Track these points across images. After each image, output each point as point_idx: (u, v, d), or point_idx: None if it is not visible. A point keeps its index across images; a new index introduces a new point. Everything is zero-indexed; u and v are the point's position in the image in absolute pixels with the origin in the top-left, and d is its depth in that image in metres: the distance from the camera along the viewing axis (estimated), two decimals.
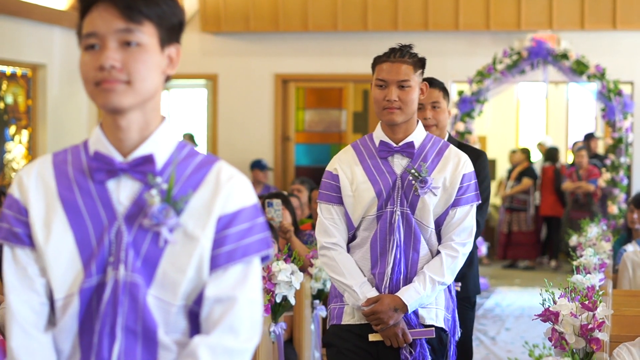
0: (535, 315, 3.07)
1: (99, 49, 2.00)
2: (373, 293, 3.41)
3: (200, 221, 1.92)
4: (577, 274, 4.47)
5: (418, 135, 3.50)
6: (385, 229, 3.43)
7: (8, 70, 11.22)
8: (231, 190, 1.94)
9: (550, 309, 3.03)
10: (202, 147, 13.31)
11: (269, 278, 4.18)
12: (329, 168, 3.56)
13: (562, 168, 12.59)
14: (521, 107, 15.62)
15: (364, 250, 3.47)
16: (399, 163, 3.47)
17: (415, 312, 3.43)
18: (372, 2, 11.47)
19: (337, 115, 12.43)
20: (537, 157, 13.42)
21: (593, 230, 6.68)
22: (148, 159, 1.94)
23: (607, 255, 6.06)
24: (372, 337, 3.45)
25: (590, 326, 2.95)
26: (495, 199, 13.66)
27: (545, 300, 3.06)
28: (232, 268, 1.92)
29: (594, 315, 2.97)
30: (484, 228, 12.91)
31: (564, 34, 10.96)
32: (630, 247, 6.17)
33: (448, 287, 3.53)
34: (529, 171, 12.42)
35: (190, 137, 12.92)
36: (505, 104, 14.96)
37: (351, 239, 3.53)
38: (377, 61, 3.50)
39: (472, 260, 4.27)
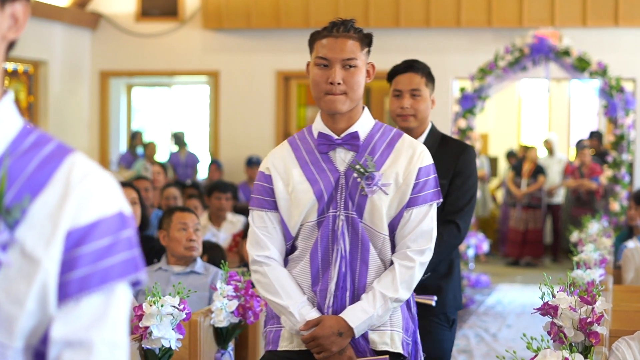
0: (534, 309, 3.05)
1: None
2: (314, 314, 2.87)
3: (43, 236, 1.40)
4: (577, 269, 4.46)
5: (364, 124, 2.95)
6: (327, 238, 2.87)
7: (9, 66, 11.22)
8: (85, 194, 1.41)
9: (550, 302, 3.02)
10: (200, 145, 13.31)
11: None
12: (261, 168, 3.00)
13: (566, 166, 12.58)
14: (523, 104, 15.60)
15: (304, 263, 2.91)
16: (342, 158, 2.91)
17: (365, 336, 2.88)
18: None
19: None
20: (542, 154, 13.39)
21: (594, 226, 6.68)
22: None
23: (608, 251, 6.06)
24: None
25: (589, 320, 2.94)
26: (496, 197, 13.64)
27: (544, 294, 3.05)
28: (86, 300, 1.40)
29: (592, 309, 2.96)
30: (483, 225, 12.86)
31: (565, 31, 10.94)
32: (631, 244, 6.16)
33: (407, 305, 3.00)
34: (541, 168, 12.42)
35: (179, 136, 12.90)
36: (507, 101, 14.95)
37: (290, 250, 2.97)
38: (317, 36, 2.94)
39: (451, 270, 3.80)
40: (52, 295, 1.40)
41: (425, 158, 2.93)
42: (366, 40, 2.93)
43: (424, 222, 2.89)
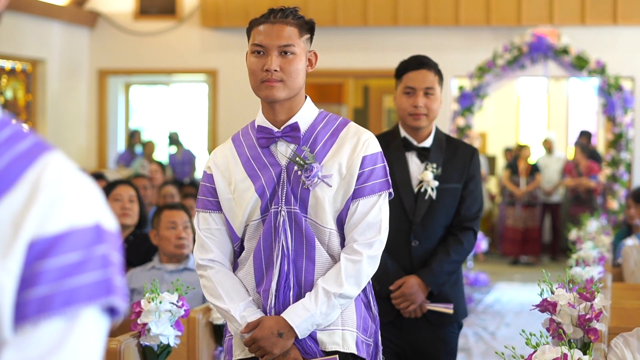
0: (533, 305, 3.05)
1: None
2: (256, 316, 2.71)
3: (1, 244, 1.19)
4: (576, 266, 4.46)
5: (305, 114, 2.79)
6: (269, 235, 2.73)
7: (7, 65, 11.21)
8: (55, 199, 1.20)
9: (548, 299, 3.01)
10: (198, 143, 13.30)
11: None
12: (204, 167, 2.87)
13: (566, 164, 12.59)
14: (521, 103, 15.60)
15: (248, 264, 2.78)
16: (283, 151, 2.77)
17: (314, 336, 2.70)
18: None
19: (337, 110, 12.41)
20: (540, 153, 13.39)
21: (593, 224, 6.68)
22: None
23: (607, 248, 6.06)
24: None
25: (588, 316, 2.93)
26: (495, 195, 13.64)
27: (543, 290, 3.04)
28: (45, 324, 1.17)
29: (591, 305, 2.95)
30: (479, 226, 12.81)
31: (564, 29, 10.94)
32: (629, 242, 6.16)
33: (366, 303, 2.83)
34: (537, 166, 12.45)
35: (174, 137, 12.90)
36: (505, 100, 14.95)
37: (239, 251, 2.83)
38: (254, 24, 2.80)
39: (458, 277, 3.77)
40: (6, 315, 1.18)
41: (371, 146, 2.75)
42: (306, 27, 2.79)
43: (371, 214, 2.71)
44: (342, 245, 2.75)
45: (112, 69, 12.54)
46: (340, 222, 2.74)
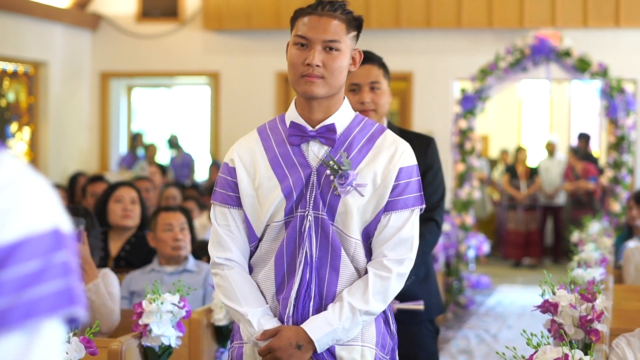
0: (534, 306, 3.05)
1: None
2: (273, 324, 2.56)
3: None
4: (577, 268, 4.46)
5: (343, 115, 2.63)
6: (294, 240, 2.57)
7: (10, 67, 11.22)
8: (9, 205, 1.11)
9: (550, 300, 3.01)
10: (201, 146, 13.30)
11: None
12: (225, 159, 2.69)
13: (567, 167, 12.60)
14: (524, 105, 15.60)
15: (268, 268, 2.61)
16: (315, 152, 2.61)
17: (332, 351, 2.55)
18: None
19: None
20: (543, 156, 13.39)
21: (594, 226, 6.68)
22: None
23: (609, 250, 6.05)
24: None
25: (589, 317, 2.94)
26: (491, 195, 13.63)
27: (544, 291, 3.04)
28: (4, 339, 1.10)
29: (593, 306, 2.95)
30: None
31: (566, 32, 10.93)
32: (631, 244, 6.16)
33: (385, 320, 2.68)
34: (535, 169, 12.46)
35: (173, 140, 12.91)
36: (507, 102, 14.94)
37: (254, 251, 2.66)
38: (300, 14, 2.64)
39: (429, 273, 3.62)
40: None
41: (408, 158, 2.60)
42: (354, 24, 2.61)
43: (404, 229, 2.57)
44: (367, 257, 2.60)
45: (114, 72, 12.55)
46: (366, 235, 2.59)
